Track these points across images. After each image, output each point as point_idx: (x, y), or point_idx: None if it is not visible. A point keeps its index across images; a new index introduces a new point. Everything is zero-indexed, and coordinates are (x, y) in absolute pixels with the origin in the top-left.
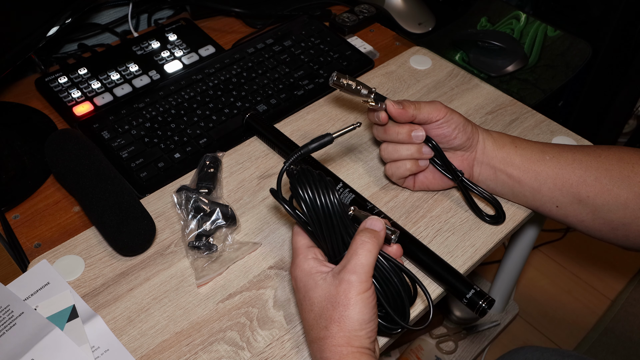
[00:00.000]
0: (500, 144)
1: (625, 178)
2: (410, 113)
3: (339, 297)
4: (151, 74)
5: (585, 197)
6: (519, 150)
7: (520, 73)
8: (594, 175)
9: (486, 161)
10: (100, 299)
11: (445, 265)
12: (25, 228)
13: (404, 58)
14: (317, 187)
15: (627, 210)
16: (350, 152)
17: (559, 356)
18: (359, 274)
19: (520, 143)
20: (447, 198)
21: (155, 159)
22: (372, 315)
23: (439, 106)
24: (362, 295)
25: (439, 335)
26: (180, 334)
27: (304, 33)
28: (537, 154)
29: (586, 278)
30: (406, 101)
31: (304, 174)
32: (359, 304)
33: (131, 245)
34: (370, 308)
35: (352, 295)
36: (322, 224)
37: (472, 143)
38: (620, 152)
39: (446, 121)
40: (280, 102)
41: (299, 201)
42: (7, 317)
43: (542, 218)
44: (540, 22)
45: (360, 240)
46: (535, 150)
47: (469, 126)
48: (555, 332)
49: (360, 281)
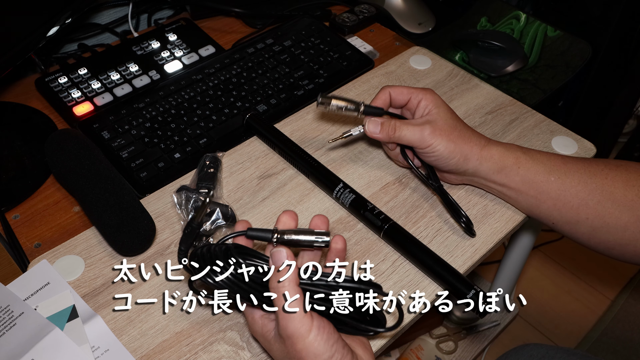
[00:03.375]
0: (499, 166)
1: (629, 202)
2: (388, 137)
3: (290, 354)
4: (151, 74)
5: (584, 218)
6: (522, 171)
7: (520, 73)
8: (596, 199)
9: (481, 182)
10: (100, 299)
11: (445, 265)
12: (25, 228)
13: (404, 58)
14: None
15: (626, 232)
16: (350, 152)
17: (564, 354)
18: (292, 324)
19: (525, 162)
20: None
21: (155, 159)
22: (328, 347)
23: (424, 135)
24: (307, 341)
25: (439, 335)
26: (180, 334)
27: (304, 33)
28: (541, 175)
29: (586, 278)
30: (386, 122)
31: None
32: (311, 349)
33: (131, 245)
34: (322, 344)
35: (299, 348)
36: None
37: (461, 171)
38: (628, 173)
39: (429, 152)
40: (280, 102)
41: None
42: (7, 317)
43: None
44: (540, 22)
45: (274, 289)
46: (541, 171)
47: (457, 158)
48: (555, 332)
49: (297, 328)
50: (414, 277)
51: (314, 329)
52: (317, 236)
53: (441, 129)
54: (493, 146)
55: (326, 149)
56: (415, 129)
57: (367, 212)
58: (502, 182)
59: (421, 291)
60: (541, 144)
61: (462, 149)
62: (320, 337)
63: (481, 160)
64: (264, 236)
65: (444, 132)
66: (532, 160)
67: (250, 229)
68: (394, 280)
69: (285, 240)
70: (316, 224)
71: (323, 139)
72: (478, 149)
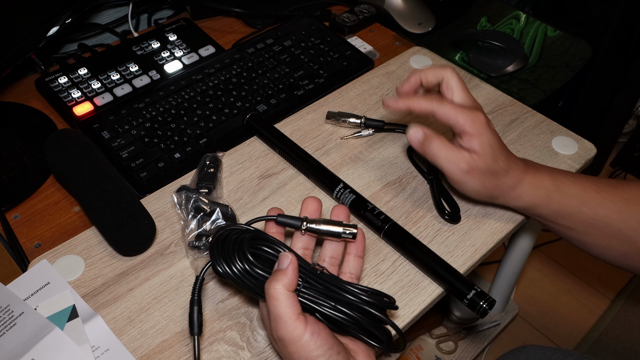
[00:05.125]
0: (529, 205)
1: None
2: (422, 149)
3: (284, 354)
4: (151, 74)
5: (616, 244)
6: (553, 207)
7: (520, 73)
8: (631, 226)
9: (509, 202)
10: (101, 299)
11: (445, 265)
12: (25, 228)
13: (404, 58)
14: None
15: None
16: (351, 152)
17: (561, 355)
18: (284, 327)
19: (556, 197)
20: None
21: (155, 159)
22: (321, 353)
23: (459, 168)
24: (299, 345)
25: (439, 335)
26: (180, 334)
27: (304, 33)
28: (573, 208)
29: (586, 278)
30: (427, 138)
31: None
32: (303, 353)
33: (131, 245)
34: (314, 349)
35: (291, 350)
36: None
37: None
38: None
39: (455, 183)
40: (280, 102)
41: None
42: (7, 317)
43: None
44: (540, 22)
45: (267, 292)
46: (573, 204)
47: (483, 198)
48: (555, 332)
49: (288, 332)
50: (414, 277)
51: (307, 333)
52: (345, 228)
53: (479, 171)
54: (524, 184)
55: (326, 149)
56: (452, 158)
57: (367, 212)
58: (530, 214)
59: (421, 291)
60: (541, 144)
61: (492, 193)
62: (313, 342)
63: (509, 201)
64: (293, 223)
65: (479, 176)
66: (564, 194)
67: (280, 215)
68: (394, 280)
69: (313, 229)
70: (337, 214)
71: (323, 139)
72: (508, 191)
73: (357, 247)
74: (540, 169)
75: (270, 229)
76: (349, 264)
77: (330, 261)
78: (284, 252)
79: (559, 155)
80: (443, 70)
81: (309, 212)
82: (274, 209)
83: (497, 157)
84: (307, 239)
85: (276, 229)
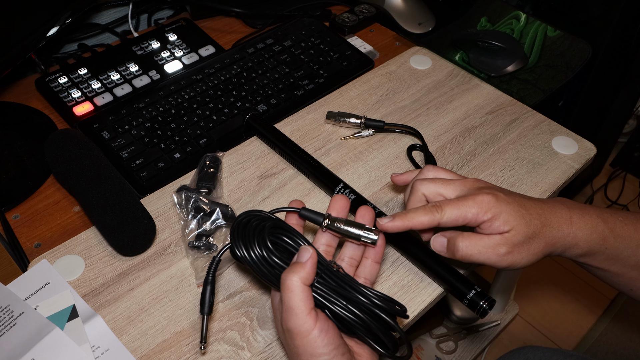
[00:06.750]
0: (584, 252)
1: None
2: (453, 256)
3: (289, 346)
4: (151, 74)
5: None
6: (608, 251)
7: (520, 73)
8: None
9: (565, 252)
10: (101, 299)
11: (445, 265)
12: (25, 228)
13: (404, 58)
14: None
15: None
16: (351, 152)
17: (560, 356)
18: (294, 319)
19: (612, 242)
20: None
21: (155, 159)
22: (327, 351)
23: (499, 255)
24: (306, 339)
25: (439, 335)
26: (180, 334)
27: (304, 33)
28: (628, 251)
29: (586, 278)
30: (451, 240)
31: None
32: (308, 348)
33: (131, 245)
34: (320, 346)
35: (297, 344)
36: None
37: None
38: None
39: (508, 269)
40: (280, 102)
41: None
42: (7, 317)
43: None
44: (540, 22)
45: (283, 282)
46: (628, 247)
47: (541, 258)
48: (555, 332)
49: (298, 325)
50: (414, 277)
51: (316, 329)
52: (366, 232)
53: (519, 244)
54: (578, 230)
55: (326, 149)
56: (486, 249)
57: None
58: (584, 262)
59: (421, 291)
60: (541, 144)
61: (545, 253)
62: (320, 340)
63: (565, 249)
64: (315, 218)
65: (524, 248)
66: (620, 238)
67: (304, 208)
68: (394, 280)
69: (334, 228)
70: (363, 215)
71: (323, 139)
72: (562, 239)
73: (376, 253)
74: (587, 210)
75: (291, 220)
76: (365, 268)
77: (349, 262)
78: (305, 245)
79: (559, 155)
80: (414, 188)
81: (336, 210)
82: (296, 202)
83: (528, 219)
84: (330, 235)
85: (296, 221)
